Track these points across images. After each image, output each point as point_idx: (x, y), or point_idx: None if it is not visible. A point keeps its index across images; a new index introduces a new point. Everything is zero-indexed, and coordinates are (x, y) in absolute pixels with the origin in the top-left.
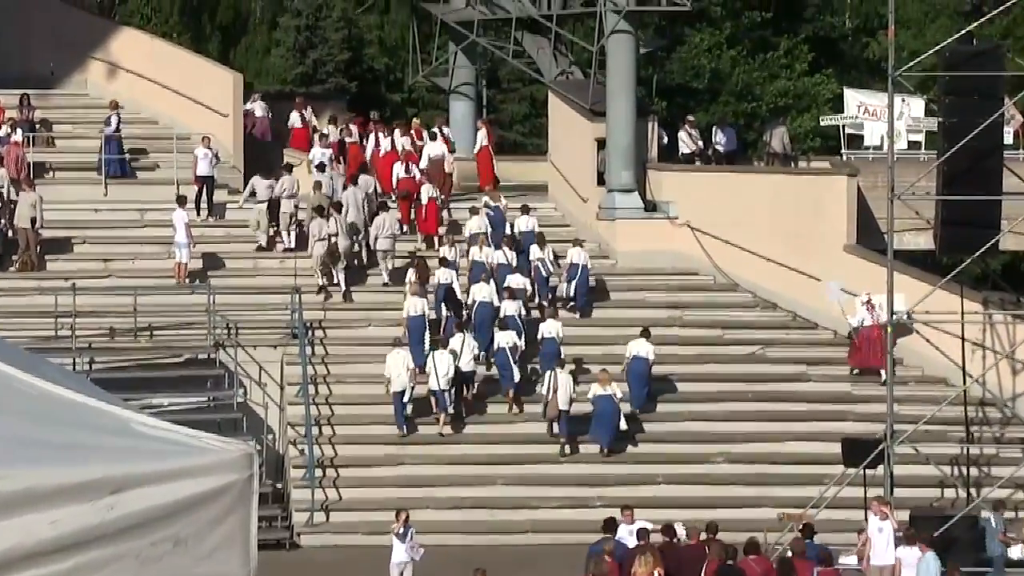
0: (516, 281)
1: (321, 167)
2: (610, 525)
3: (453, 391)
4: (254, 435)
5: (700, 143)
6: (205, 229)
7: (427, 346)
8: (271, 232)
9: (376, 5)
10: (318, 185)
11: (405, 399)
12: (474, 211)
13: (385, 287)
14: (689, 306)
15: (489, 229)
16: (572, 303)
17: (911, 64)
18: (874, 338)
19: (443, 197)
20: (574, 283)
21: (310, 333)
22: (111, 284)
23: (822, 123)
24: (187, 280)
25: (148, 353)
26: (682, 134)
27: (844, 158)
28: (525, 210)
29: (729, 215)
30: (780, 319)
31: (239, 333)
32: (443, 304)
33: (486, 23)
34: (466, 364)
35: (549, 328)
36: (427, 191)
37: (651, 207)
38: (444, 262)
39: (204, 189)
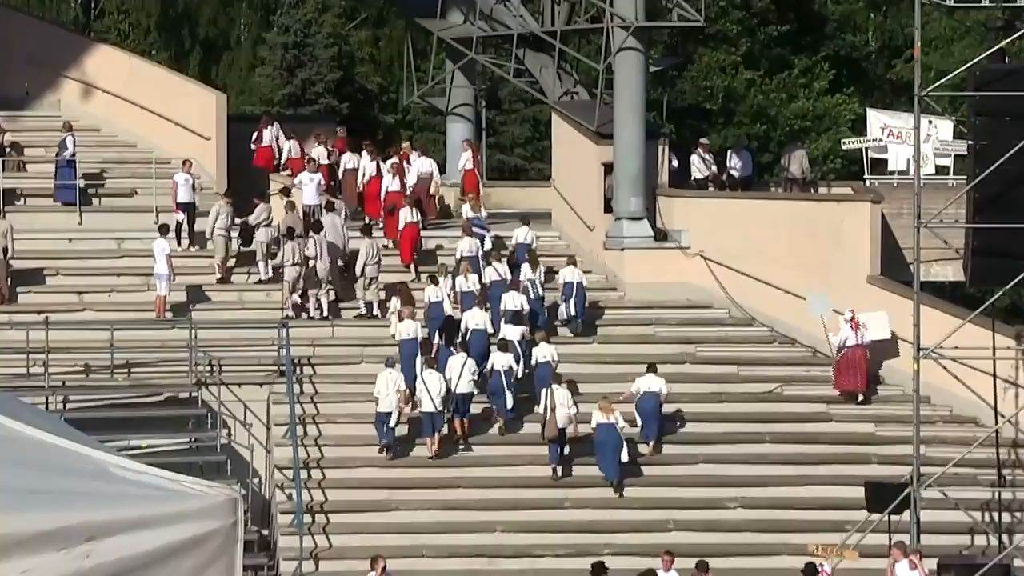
0: (514, 301)
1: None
2: None
3: (446, 413)
4: (239, 479)
5: (714, 168)
6: (186, 260)
7: (419, 370)
8: (230, 263)
9: (368, 21)
10: (291, 206)
11: (392, 423)
12: (466, 231)
13: (373, 318)
14: (702, 342)
15: (479, 248)
16: (572, 321)
17: (939, 83)
18: (858, 359)
19: (430, 218)
20: (571, 301)
21: (298, 370)
22: (86, 318)
23: (843, 146)
24: (167, 314)
25: (126, 391)
26: (694, 158)
27: (867, 184)
28: (525, 220)
29: (745, 244)
30: (799, 355)
31: (223, 370)
32: (438, 329)
33: (486, 40)
34: (465, 385)
35: (543, 352)
36: (405, 215)
37: (661, 236)
38: (434, 279)
39: (185, 217)
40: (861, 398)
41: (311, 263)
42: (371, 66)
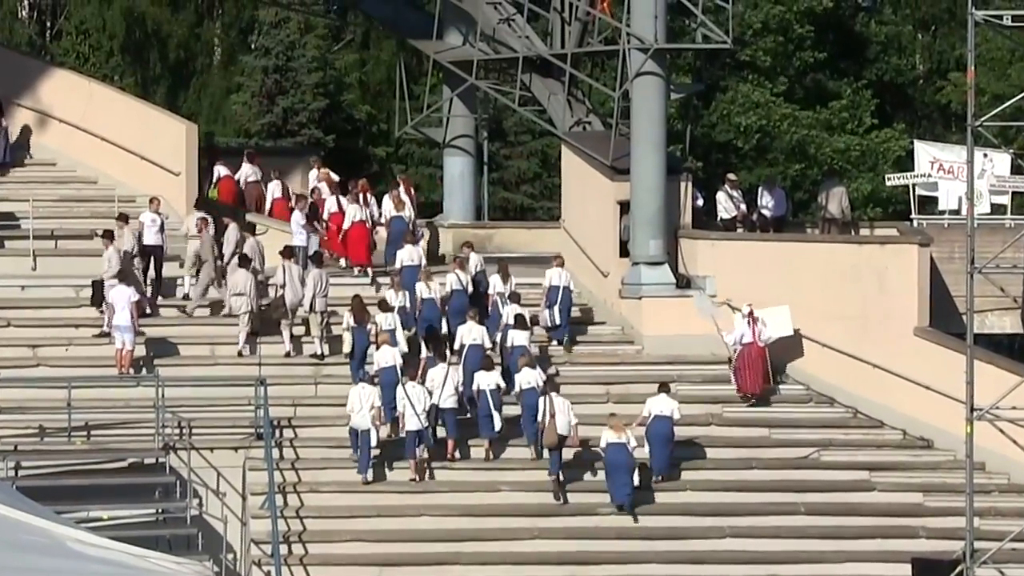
0: (500, 287)
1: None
2: None
3: (430, 430)
4: (211, 554)
5: (743, 206)
6: (157, 308)
7: (399, 400)
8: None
9: (356, 42)
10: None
11: (373, 443)
12: (408, 240)
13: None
14: (729, 401)
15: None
16: (557, 331)
17: (994, 111)
18: (755, 357)
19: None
20: (556, 308)
21: (278, 433)
22: (41, 374)
23: (888, 182)
24: (131, 370)
25: (85, 456)
26: (721, 195)
27: (915, 224)
28: (470, 247)
29: (777, 292)
30: (838, 416)
31: (193, 433)
32: (424, 340)
33: (487, 64)
34: (447, 400)
35: (527, 379)
36: (352, 213)
37: (684, 283)
38: (396, 284)
39: (151, 261)
40: (756, 397)
41: (280, 292)
42: (359, 93)
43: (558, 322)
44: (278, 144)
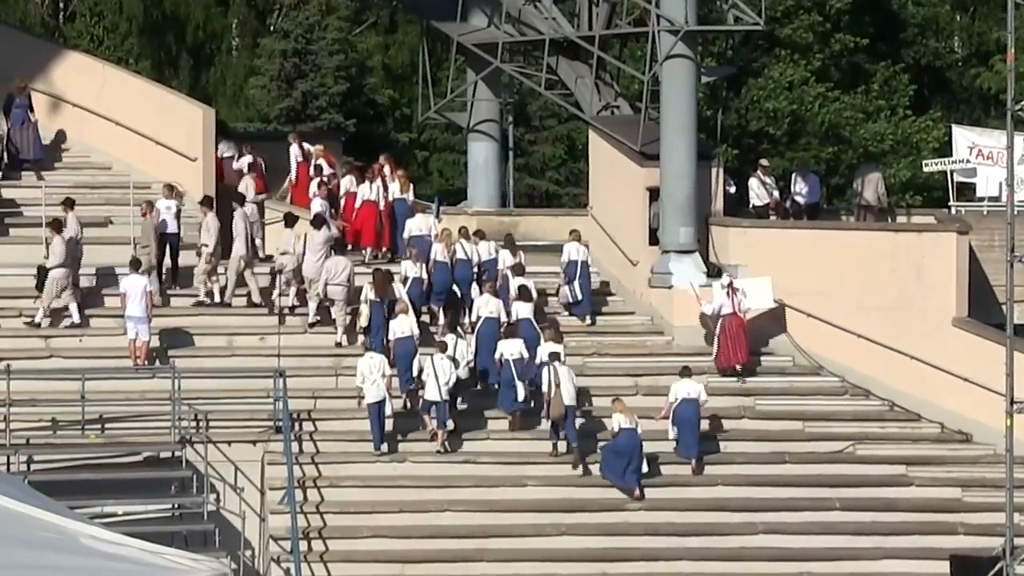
0: (509, 260)
1: (319, 221)
2: None
3: (447, 405)
4: (228, 551)
5: (776, 193)
6: (168, 298)
7: (415, 370)
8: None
9: (379, 24)
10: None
11: (387, 412)
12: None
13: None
14: (763, 393)
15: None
16: (577, 306)
17: None
18: (736, 329)
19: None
20: (576, 283)
21: (297, 426)
22: (53, 366)
23: (925, 168)
24: (146, 362)
25: (99, 450)
26: (753, 182)
27: (953, 211)
28: (480, 235)
29: (811, 282)
30: (874, 409)
31: (210, 426)
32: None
33: (513, 46)
34: (460, 371)
35: (548, 350)
36: (364, 192)
37: (715, 272)
38: (414, 255)
39: (167, 249)
40: (740, 368)
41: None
42: (382, 77)
43: (579, 297)
44: (297, 128)
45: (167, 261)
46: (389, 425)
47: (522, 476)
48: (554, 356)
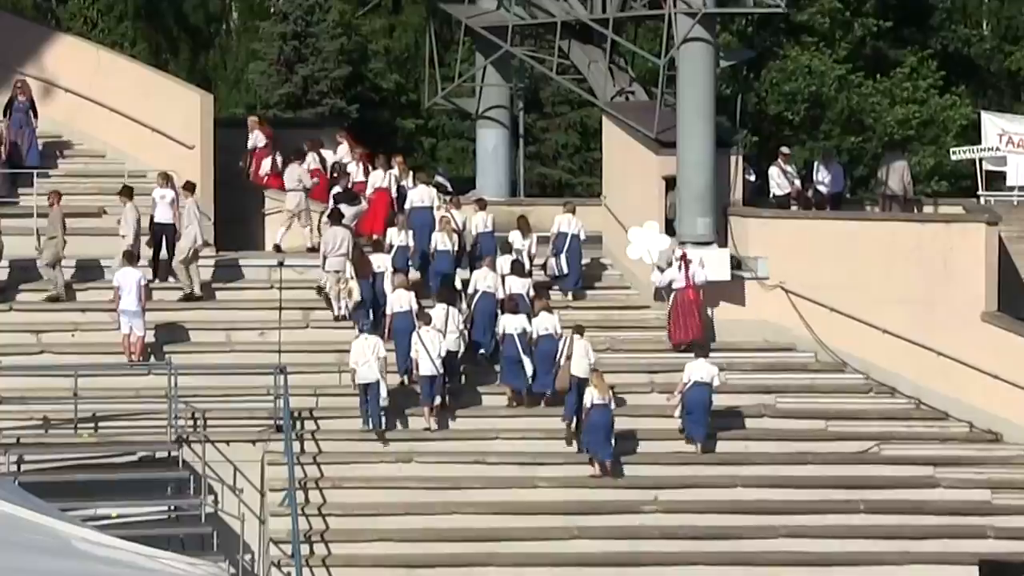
0: (517, 245)
1: (338, 215)
2: None
3: (444, 377)
4: (227, 555)
5: (797, 182)
6: (164, 292)
7: (414, 345)
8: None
9: (383, 5)
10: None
11: (383, 394)
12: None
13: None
14: (783, 391)
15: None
16: (563, 282)
17: None
18: (688, 303)
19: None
20: (563, 256)
21: (298, 425)
22: (45, 362)
23: (953, 156)
24: (141, 357)
25: (92, 450)
26: (774, 171)
27: (981, 201)
28: (482, 205)
29: (834, 274)
30: (900, 408)
31: (208, 425)
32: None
33: (523, 30)
34: (450, 342)
35: (544, 323)
36: (375, 180)
37: (735, 264)
38: (401, 223)
39: (163, 241)
40: (687, 345)
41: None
42: (386, 61)
43: (565, 271)
44: (298, 115)
45: (163, 253)
46: (384, 403)
47: (533, 477)
48: (578, 329)
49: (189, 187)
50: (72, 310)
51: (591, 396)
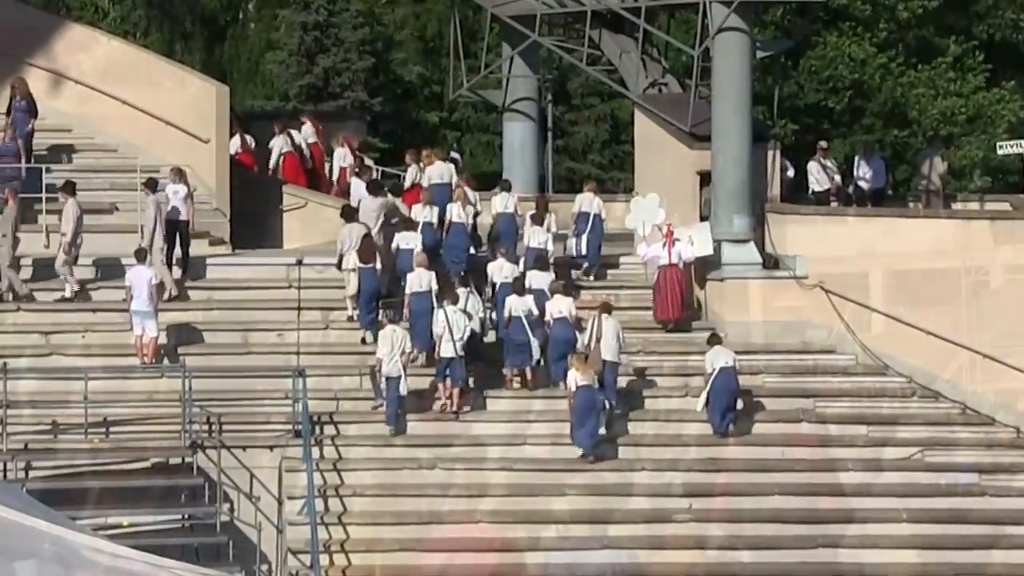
0: (538, 239)
1: (375, 187)
2: None
3: (463, 361)
4: (243, 565)
5: (837, 178)
6: (186, 290)
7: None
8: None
9: None
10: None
11: (402, 391)
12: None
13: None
14: (823, 395)
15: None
16: (583, 262)
17: None
18: (672, 282)
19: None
20: (584, 237)
21: (317, 430)
22: (54, 364)
23: (999, 151)
24: (154, 360)
25: (103, 456)
26: (813, 166)
27: None
28: (506, 187)
29: (875, 274)
30: (944, 413)
31: (223, 430)
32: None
33: (552, 19)
34: (474, 324)
35: (558, 307)
36: (340, 157)
37: (771, 263)
38: (425, 199)
39: (177, 238)
40: (671, 327)
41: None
42: (410, 51)
43: (584, 252)
44: (319, 107)
45: (177, 250)
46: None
47: (561, 484)
48: (605, 308)
49: (150, 184)
50: (84, 310)
51: (574, 379)
